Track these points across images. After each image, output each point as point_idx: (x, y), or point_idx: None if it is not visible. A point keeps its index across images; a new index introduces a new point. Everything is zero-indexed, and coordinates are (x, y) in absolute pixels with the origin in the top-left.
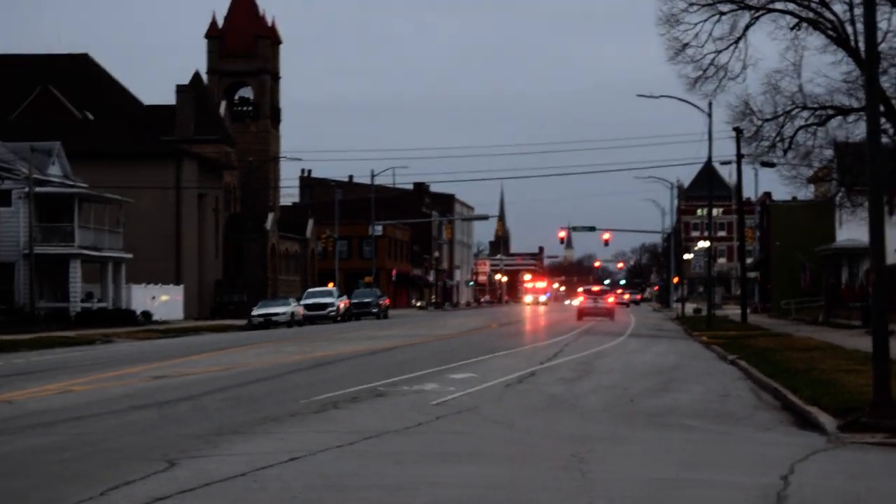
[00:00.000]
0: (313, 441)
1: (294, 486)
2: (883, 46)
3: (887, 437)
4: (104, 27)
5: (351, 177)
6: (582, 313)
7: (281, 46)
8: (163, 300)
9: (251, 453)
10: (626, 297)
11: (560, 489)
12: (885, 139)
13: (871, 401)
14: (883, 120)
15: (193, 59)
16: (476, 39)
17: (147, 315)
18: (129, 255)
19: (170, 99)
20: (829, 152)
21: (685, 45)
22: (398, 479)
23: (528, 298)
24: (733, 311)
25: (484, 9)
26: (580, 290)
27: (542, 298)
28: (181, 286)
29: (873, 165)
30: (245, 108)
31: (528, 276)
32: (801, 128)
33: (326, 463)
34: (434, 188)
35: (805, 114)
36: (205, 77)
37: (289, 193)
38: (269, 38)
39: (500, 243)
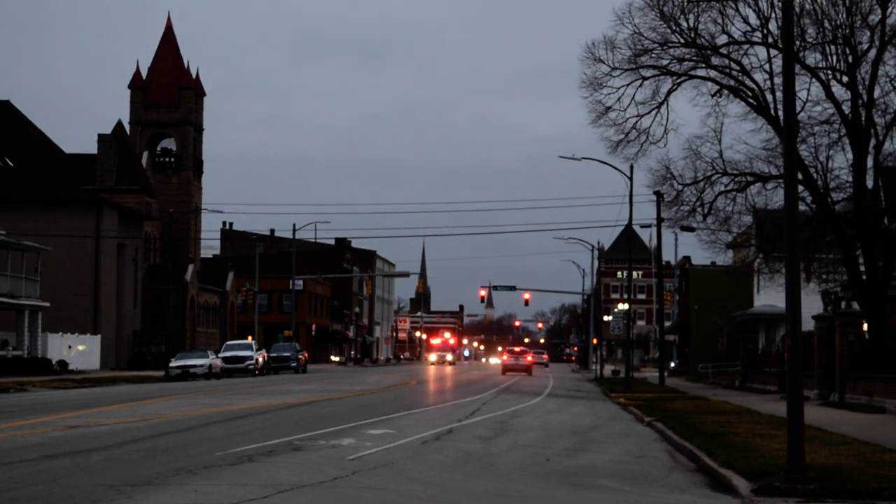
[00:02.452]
0: (226, 494)
1: None
2: (802, 115)
3: (800, 502)
4: (26, 74)
5: (272, 230)
6: (506, 369)
7: (204, 98)
8: (80, 349)
9: None
10: (544, 356)
11: None
12: (802, 207)
13: (786, 465)
14: (801, 188)
15: (116, 109)
16: (396, 100)
17: (63, 364)
18: (46, 304)
19: (92, 148)
20: (747, 218)
21: (608, 109)
22: None
23: (431, 357)
24: (651, 374)
25: (407, 69)
26: (500, 349)
27: (449, 357)
28: (98, 336)
29: (791, 233)
30: (167, 160)
31: (447, 335)
32: (720, 193)
33: None
34: (356, 244)
35: (725, 180)
36: (127, 127)
37: (210, 245)
38: (193, 90)
39: (421, 300)
